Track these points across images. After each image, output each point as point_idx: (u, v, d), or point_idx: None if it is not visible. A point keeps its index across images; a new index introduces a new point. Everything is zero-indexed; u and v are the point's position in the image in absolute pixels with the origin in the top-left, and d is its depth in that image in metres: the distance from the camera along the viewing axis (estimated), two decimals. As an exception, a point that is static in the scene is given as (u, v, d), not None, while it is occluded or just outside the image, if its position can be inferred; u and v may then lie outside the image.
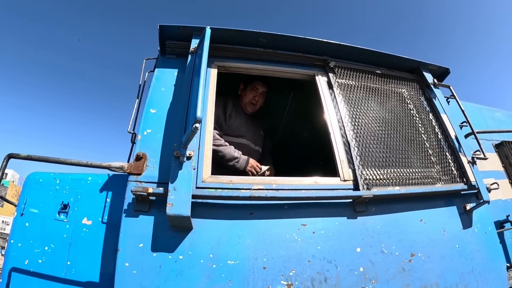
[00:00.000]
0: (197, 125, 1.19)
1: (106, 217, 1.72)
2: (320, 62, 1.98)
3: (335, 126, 1.77)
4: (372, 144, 1.76)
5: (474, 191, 1.80)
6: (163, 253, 1.35)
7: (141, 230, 1.38)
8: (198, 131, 1.55)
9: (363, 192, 1.53)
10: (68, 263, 1.61)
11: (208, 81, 1.76)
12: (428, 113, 2.04)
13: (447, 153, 1.90)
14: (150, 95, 1.72)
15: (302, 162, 3.41)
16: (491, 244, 1.78)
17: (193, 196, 1.37)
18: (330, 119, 1.79)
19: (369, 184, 1.60)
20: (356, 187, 1.58)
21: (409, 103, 2.04)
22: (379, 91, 2.00)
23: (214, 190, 1.45)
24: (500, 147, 2.42)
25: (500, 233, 2.14)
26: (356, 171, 1.61)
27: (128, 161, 1.87)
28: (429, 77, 2.12)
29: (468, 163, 1.82)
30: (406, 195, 1.64)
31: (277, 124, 3.48)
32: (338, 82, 1.92)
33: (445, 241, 1.66)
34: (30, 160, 1.59)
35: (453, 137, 1.93)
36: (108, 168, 1.50)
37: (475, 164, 1.83)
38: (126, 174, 1.54)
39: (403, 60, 2.11)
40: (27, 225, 1.69)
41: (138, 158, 1.49)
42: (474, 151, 1.94)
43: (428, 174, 1.80)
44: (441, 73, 2.22)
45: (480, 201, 1.76)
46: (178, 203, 1.29)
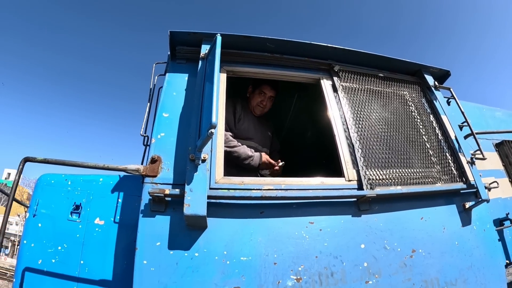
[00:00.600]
0: (213, 131, 1.31)
1: (118, 217, 1.84)
2: (325, 66, 2.10)
3: (340, 129, 1.89)
4: (376, 146, 1.88)
5: (473, 190, 1.92)
6: (180, 251, 1.46)
7: (158, 230, 1.49)
8: (213, 134, 1.68)
9: (367, 192, 1.66)
10: (82, 262, 1.72)
11: (218, 86, 1.88)
12: (429, 115, 2.16)
13: (447, 154, 2.03)
14: (162, 100, 1.83)
15: (307, 161, 3.53)
16: (490, 241, 1.92)
17: (208, 197, 1.48)
18: (335, 122, 1.91)
19: (373, 184, 1.72)
20: (360, 187, 1.71)
21: (411, 105, 2.16)
22: (382, 94, 2.12)
23: (227, 191, 1.57)
24: (500, 146, 2.55)
25: (500, 231, 2.26)
26: (360, 172, 1.74)
27: (142, 163, 1.99)
28: (430, 80, 2.24)
29: (467, 163, 1.96)
30: (408, 194, 1.76)
31: (282, 124, 3.61)
32: (343, 86, 2.04)
33: (445, 238, 1.79)
34: (47, 164, 1.69)
35: (453, 138, 2.05)
36: (125, 171, 1.61)
37: (474, 164, 1.95)
38: (138, 176, 1.65)
39: (405, 63, 2.22)
40: (40, 226, 1.79)
41: (153, 161, 1.61)
42: (474, 151, 2.08)
43: (429, 174, 1.92)
44: (442, 76, 2.34)
45: (479, 200, 1.89)
46: (195, 204, 1.41)
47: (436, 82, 2.25)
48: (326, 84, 2.05)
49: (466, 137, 2.09)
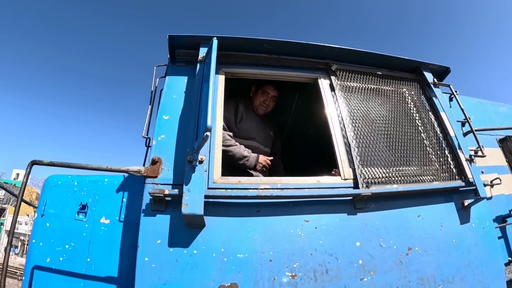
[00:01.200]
0: (208, 134, 1.39)
1: (123, 216, 1.93)
2: (323, 66, 2.15)
3: (337, 128, 1.95)
4: (372, 144, 1.94)
5: (473, 188, 1.95)
6: (179, 248, 1.55)
7: (159, 228, 1.59)
8: (209, 136, 1.78)
9: (362, 190, 1.72)
10: (88, 260, 1.81)
11: (216, 87, 1.95)
12: (428, 112, 2.19)
13: (446, 151, 2.06)
14: (163, 102, 1.92)
15: (309, 158, 3.60)
16: (489, 239, 1.94)
17: (205, 196, 1.57)
18: (332, 121, 1.97)
19: (368, 183, 1.78)
20: (356, 186, 1.77)
21: (410, 103, 2.20)
22: (380, 92, 2.16)
23: (225, 191, 1.65)
24: (504, 142, 2.56)
25: (503, 228, 2.30)
26: (356, 170, 1.79)
27: (144, 165, 2.09)
28: (429, 77, 2.27)
29: (466, 161, 1.98)
30: (404, 193, 1.82)
31: (285, 122, 3.68)
32: (340, 85, 2.10)
33: (442, 236, 1.83)
34: (53, 166, 1.80)
35: (453, 135, 2.08)
36: (127, 172, 1.72)
37: (473, 162, 1.99)
38: (142, 176, 1.77)
39: (404, 61, 2.26)
40: (48, 226, 1.89)
41: (154, 162, 1.71)
42: (476, 147, 2.11)
43: (427, 172, 1.96)
44: (442, 72, 2.37)
45: (478, 198, 1.92)
46: (192, 203, 1.50)
47: (436, 79, 2.28)
48: (324, 84, 2.10)
49: (466, 135, 2.13)
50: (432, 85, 2.24)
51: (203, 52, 1.95)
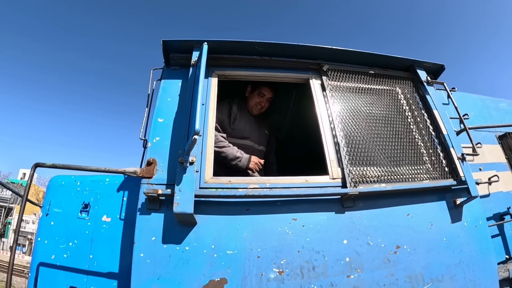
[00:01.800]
0: (196, 137, 1.51)
1: (124, 214, 2.06)
2: (314, 66, 2.23)
3: (327, 128, 2.03)
4: (362, 144, 2.00)
5: (465, 186, 1.99)
6: (172, 245, 1.68)
7: (153, 226, 1.71)
8: (201, 137, 1.88)
9: (350, 190, 1.79)
10: (91, 257, 1.95)
11: (209, 90, 2.07)
12: (421, 111, 2.24)
13: (438, 150, 2.10)
14: (158, 105, 2.04)
15: (307, 158, 3.68)
16: (482, 238, 1.98)
17: (197, 196, 1.69)
18: (322, 121, 2.05)
19: (357, 182, 1.85)
20: (344, 185, 1.84)
21: (402, 102, 2.25)
22: (372, 91, 2.22)
23: (215, 190, 1.76)
24: (504, 139, 2.57)
25: (500, 226, 2.33)
26: (345, 170, 1.87)
27: (141, 166, 2.23)
28: (423, 75, 2.31)
29: (458, 160, 2.03)
30: (393, 192, 1.88)
31: (283, 120, 3.77)
32: (331, 85, 2.17)
33: (432, 235, 1.89)
34: (55, 168, 1.94)
35: (445, 134, 2.13)
36: (123, 173, 1.85)
37: (465, 160, 2.03)
38: (138, 177, 1.90)
39: (397, 60, 2.31)
40: (52, 224, 2.03)
41: (149, 163, 1.83)
42: (476, 144, 2.15)
43: (418, 171, 2.01)
44: (436, 70, 2.40)
45: (470, 196, 1.96)
46: (183, 202, 1.61)
47: (429, 77, 2.32)
48: (315, 84, 2.18)
49: (459, 133, 2.16)
50: (426, 83, 2.28)
51: (196, 56, 2.05)
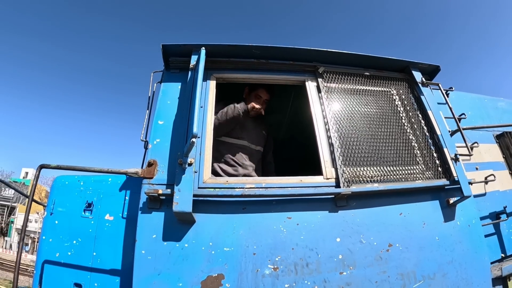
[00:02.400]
0: (194, 140, 1.63)
1: (126, 213, 2.18)
2: (310, 68, 2.33)
3: (321, 129, 2.13)
4: (356, 144, 2.10)
5: (458, 186, 2.08)
6: (172, 242, 1.80)
7: (154, 224, 1.84)
8: (199, 139, 2.01)
9: (343, 189, 1.90)
10: (94, 254, 2.06)
11: (208, 93, 2.18)
12: (416, 111, 2.32)
13: (432, 150, 2.19)
14: (158, 108, 2.15)
15: (306, 156, 3.76)
16: (475, 237, 2.07)
17: (196, 195, 1.81)
18: (317, 122, 2.15)
19: (350, 182, 1.95)
20: (338, 185, 1.95)
21: (397, 103, 2.34)
22: (367, 92, 2.32)
23: (213, 190, 1.88)
24: (501, 138, 2.65)
25: (496, 224, 2.41)
26: (338, 170, 1.97)
27: (142, 167, 2.36)
28: (418, 76, 2.40)
29: (451, 160, 2.13)
30: (386, 191, 1.98)
31: (282, 120, 3.89)
32: (327, 87, 2.27)
33: (425, 233, 1.98)
34: (60, 169, 2.03)
35: (439, 134, 2.21)
36: (125, 174, 1.98)
37: (458, 161, 2.11)
38: (139, 177, 2.03)
39: (392, 61, 2.40)
40: (57, 223, 2.15)
41: (150, 164, 1.96)
42: (472, 143, 2.25)
43: (411, 171, 2.11)
44: (432, 71, 2.49)
45: (462, 196, 2.04)
46: (182, 202, 1.73)
47: (424, 78, 2.40)
48: (311, 86, 2.28)
49: (453, 134, 2.26)
50: (421, 84, 2.37)
51: (194, 60, 2.16)
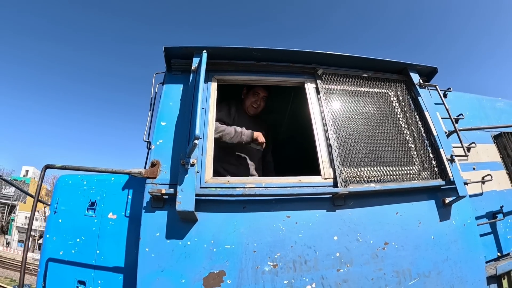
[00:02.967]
0: (196, 142, 1.73)
1: (129, 212, 2.27)
2: (309, 70, 2.43)
3: (320, 130, 2.23)
4: (354, 145, 2.20)
5: (453, 186, 2.17)
6: (175, 240, 1.89)
7: (158, 223, 1.93)
8: (201, 140, 2.10)
9: (340, 189, 1.99)
10: (98, 252, 2.16)
11: (209, 94, 2.28)
12: (413, 112, 2.42)
13: (429, 151, 2.29)
14: (160, 110, 2.25)
15: (305, 157, 3.86)
16: (470, 236, 2.17)
17: (198, 195, 1.90)
18: (316, 123, 2.25)
19: (347, 182, 2.05)
20: (335, 185, 2.04)
21: (395, 104, 2.43)
22: (365, 94, 2.41)
23: (214, 189, 1.98)
24: (499, 138, 2.75)
25: (493, 224, 2.51)
26: (336, 170, 2.07)
27: (145, 167, 2.46)
28: (415, 78, 2.49)
29: (447, 160, 2.22)
30: (382, 191, 2.07)
31: (281, 120, 3.99)
32: (325, 88, 2.36)
33: (420, 232, 2.08)
34: (65, 170, 2.12)
35: (436, 135, 2.30)
36: (129, 174, 2.08)
37: (454, 161, 2.21)
38: (143, 177, 2.13)
39: (390, 63, 2.49)
40: (60, 221, 2.24)
41: (153, 165, 2.06)
42: (469, 144, 2.34)
43: (408, 171, 2.21)
44: (429, 72, 2.58)
45: (458, 196, 2.14)
46: (185, 201, 1.83)
47: (421, 80, 2.49)
48: (310, 87, 2.38)
49: (449, 135, 2.36)
50: (418, 86, 2.46)
51: (196, 63, 2.26)
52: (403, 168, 2.23)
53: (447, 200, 2.21)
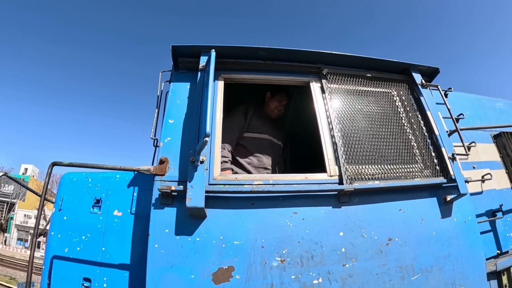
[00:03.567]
0: (207, 139, 1.81)
1: (134, 209, 2.32)
2: (314, 70, 2.51)
3: (325, 128, 2.32)
4: (358, 144, 2.29)
5: (455, 184, 2.27)
6: (184, 236, 1.96)
7: (167, 219, 1.99)
8: (209, 139, 2.19)
9: (346, 186, 2.08)
10: (103, 249, 2.20)
11: (216, 92, 2.35)
12: (415, 112, 2.52)
13: (431, 149, 2.39)
14: (168, 107, 2.31)
15: (310, 154, 3.98)
16: (470, 233, 2.27)
17: (207, 192, 1.97)
18: (321, 122, 2.34)
19: (352, 179, 2.14)
20: (341, 182, 2.13)
21: (397, 103, 2.52)
22: (369, 94, 2.50)
23: (223, 186, 2.05)
24: (498, 138, 2.86)
25: (492, 222, 2.62)
26: (342, 168, 2.16)
27: (153, 163, 2.54)
28: (418, 78, 2.59)
29: (449, 159, 2.33)
30: (386, 188, 2.16)
31: (284, 118, 4.10)
32: (330, 88, 2.45)
33: (422, 229, 2.17)
34: (72, 167, 2.15)
35: (437, 134, 2.41)
36: (138, 171, 2.14)
37: (455, 160, 2.31)
38: (151, 174, 2.20)
39: (393, 63, 2.58)
40: (65, 219, 2.28)
41: (161, 162, 2.13)
42: (469, 143, 2.45)
43: (410, 169, 2.30)
44: (431, 73, 2.68)
45: (459, 194, 2.24)
46: (195, 198, 1.90)
47: (424, 80, 2.59)
48: (315, 86, 2.46)
49: (451, 134, 2.47)
50: (420, 86, 2.56)
51: (203, 61, 2.33)
52: (406, 166, 2.33)
53: (449, 198, 2.31)
